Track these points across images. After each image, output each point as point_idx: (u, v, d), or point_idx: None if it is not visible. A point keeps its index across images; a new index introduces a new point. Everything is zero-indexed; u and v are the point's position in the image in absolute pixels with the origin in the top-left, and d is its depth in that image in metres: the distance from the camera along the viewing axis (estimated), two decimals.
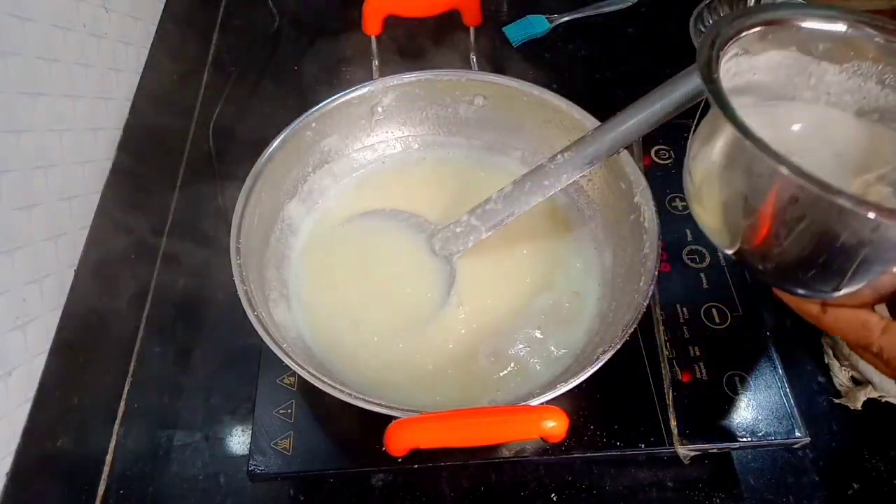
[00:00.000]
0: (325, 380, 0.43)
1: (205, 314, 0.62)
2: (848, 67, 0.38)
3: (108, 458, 0.55)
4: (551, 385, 0.42)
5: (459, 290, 0.55)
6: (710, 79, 0.32)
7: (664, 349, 0.53)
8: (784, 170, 0.28)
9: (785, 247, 0.31)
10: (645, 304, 0.45)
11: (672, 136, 0.65)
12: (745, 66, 0.38)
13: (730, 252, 0.35)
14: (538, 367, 0.51)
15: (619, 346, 0.43)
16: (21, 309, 0.48)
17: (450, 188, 0.61)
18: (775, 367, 0.52)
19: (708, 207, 0.36)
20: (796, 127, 0.39)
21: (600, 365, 0.43)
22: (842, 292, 0.31)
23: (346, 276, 0.57)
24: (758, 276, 0.34)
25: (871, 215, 0.26)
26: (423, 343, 0.53)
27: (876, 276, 0.30)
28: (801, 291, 0.33)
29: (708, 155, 0.34)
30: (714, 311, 0.55)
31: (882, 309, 0.33)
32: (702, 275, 0.57)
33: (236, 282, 0.47)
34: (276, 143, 0.54)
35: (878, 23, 0.36)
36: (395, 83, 0.59)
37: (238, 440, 0.55)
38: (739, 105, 0.32)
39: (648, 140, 0.62)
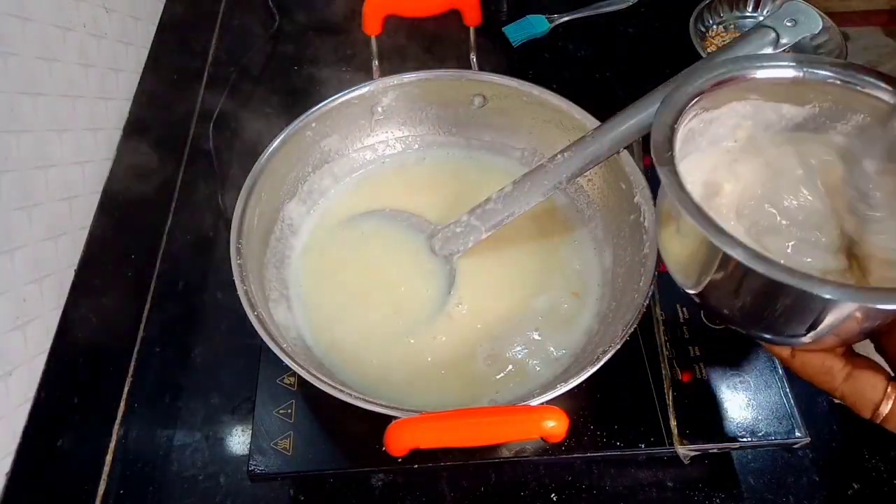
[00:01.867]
0: (325, 380, 0.43)
1: (205, 314, 0.62)
2: (809, 110, 0.38)
3: (108, 458, 0.55)
4: (551, 385, 0.42)
5: (459, 290, 0.55)
6: (663, 160, 0.33)
7: (664, 349, 0.53)
8: (739, 257, 0.29)
9: (742, 306, 0.33)
10: (645, 304, 0.45)
11: None
12: (707, 120, 0.39)
13: (693, 295, 0.36)
14: (538, 368, 0.51)
15: (619, 346, 0.43)
16: (21, 309, 0.48)
17: (450, 188, 0.61)
18: (775, 367, 0.52)
19: (670, 253, 0.38)
20: (757, 179, 0.40)
21: (600, 365, 0.43)
22: (804, 342, 0.32)
23: (346, 275, 0.57)
24: (723, 321, 0.35)
25: (826, 295, 0.27)
26: (423, 343, 0.53)
27: (835, 330, 0.31)
28: (766, 338, 0.34)
29: (668, 219, 0.36)
30: None
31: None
32: None
33: (236, 282, 0.47)
34: (276, 143, 0.54)
35: (834, 65, 0.36)
36: (395, 83, 0.59)
37: (238, 440, 0.55)
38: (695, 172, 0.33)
39: (648, 140, 0.62)
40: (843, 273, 0.36)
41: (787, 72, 0.37)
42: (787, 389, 0.51)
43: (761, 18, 0.80)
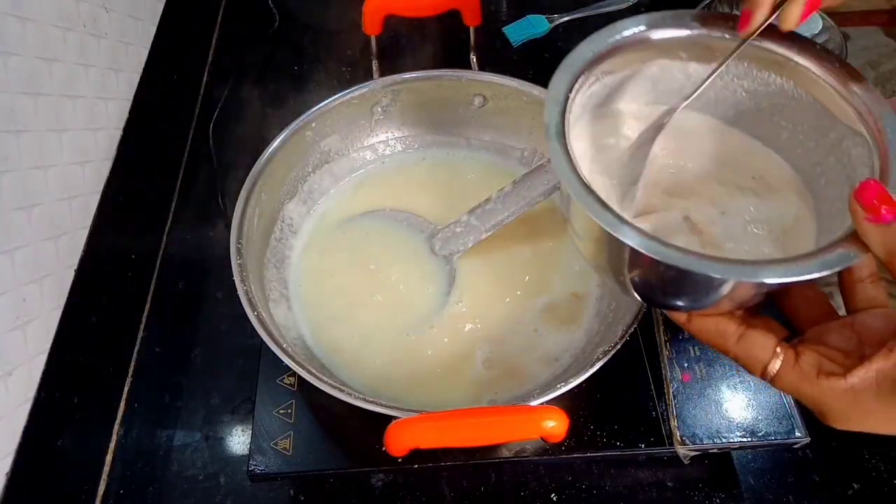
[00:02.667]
0: (325, 380, 0.43)
1: (205, 314, 0.62)
2: (715, 69, 0.37)
3: (108, 458, 0.55)
4: (551, 385, 0.42)
5: (459, 290, 0.55)
6: (552, 134, 0.32)
7: (664, 349, 0.53)
8: (622, 237, 0.29)
9: (633, 279, 0.33)
10: (645, 304, 0.45)
11: None
12: (611, 84, 0.38)
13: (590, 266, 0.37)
14: (538, 368, 0.51)
15: (619, 346, 0.43)
16: (21, 309, 0.48)
17: (450, 188, 0.61)
18: None
19: (576, 230, 0.37)
20: (659, 143, 0.39)
21: (600, 365, 0.43)
22: (698, 308, 0.33)
23: (346, 275, 0.57)
24: (624, 291, 0.35)
25: (716, 274, 0.28)
26: (423, 343, 0.53)
27: (723, 298, 0.31)
28: (663, 307, 0.35)
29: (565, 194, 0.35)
30: None
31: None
32: None
33: (236, 282, 0.47)
34: (276, 143, 0.54)
35: (728, 23, 0.36)
36: (395, 83, 0.59)
37: (238, 440, 0.55)
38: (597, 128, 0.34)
39: None
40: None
41: (684, 31, 0.36)
42: None
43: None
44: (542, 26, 0.82)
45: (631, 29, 0.36)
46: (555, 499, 0.52)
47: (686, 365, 0.53)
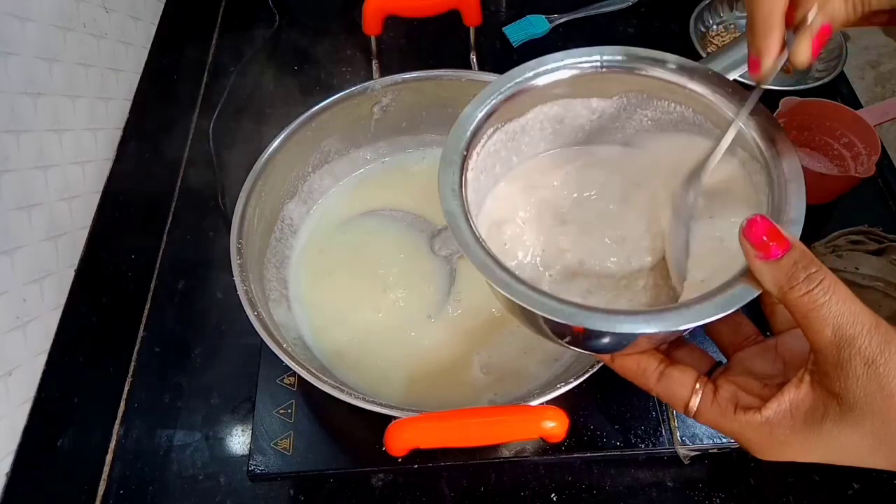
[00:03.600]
0: (325, 380, 0.43)
1: (205, 314, 0.62)
2: (617, 101, 0.38)
3: (108, 458, 0.55)
4: (551, 385, 0.42)
5: (459, 290, 0.55)
6: (445, 197, 0.33)
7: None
8: (516, 299, 0.30)
9: (547, 331, 0.33)
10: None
11: None
12: (513, 130, 0.38)
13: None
14: (538, 368, 0.51)
15: None
16: (21, 309, 0.48)
17: None
18: None
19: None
20: (560, 181, 0.39)
21: (600, 365, 0.43)
22: (618, 351, 0.33)
23: (346, 275, 0.57)
24: (548, 339, 0.36)
25: (605, 328, 0.28)
26: (423, 343, 0.53)
27: (634, 342, 0.32)
28: (585, 350, 0.35)
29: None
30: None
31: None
32: None
33: (236, 282, 0.47)
34: (276, 143, 0.54)
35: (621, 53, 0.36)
36: (395, 83, 0.59)
37: (238, 440, 0.55)
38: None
39: None
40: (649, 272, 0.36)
41: (565, 73, 0.36)
42: None
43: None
44: (542, 26, 0.82)
45: (522, 75, 0.36)
46: (555, 499, 0.52)
47: None
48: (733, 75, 0.35)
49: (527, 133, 0.38)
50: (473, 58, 0.64)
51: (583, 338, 0.32)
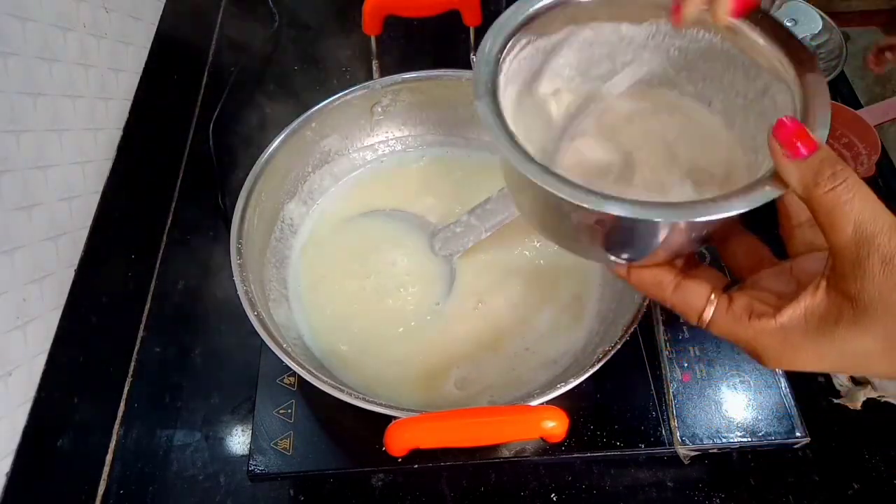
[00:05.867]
0: (325, 380, 0.43)
1: (205, 314, 0.62)
2: (647, 27, 0.38)
3: (108, 458, 0.55)
4: (551, 385, 0.42)
5: (459, 290, 0.55)
6: (481, 92, 0.32)
7: (664, 349, 0.53)
8: (540, 184, 0.29)
9: (571, 231, 0.34)
10: (645, 304, 0.45)
11: None
12: (543, 48, 0.38)
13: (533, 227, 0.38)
14: (538, 367, 0.51)
15: (619, 347, 0.43)
16: (21, 309, 0.48)
17: (449, 188, 0.61)
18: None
19: (509, 186, 0.38)
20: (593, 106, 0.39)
21: (600, 365, 0.43)
22: (635, 260, 0.34)
23: (346, 275, 0.57)
24: (564, 247, 0.36)
25: (620, 213, 0.28)
26: (423, 342, 0.53)
27: (659, 245, 0.32)
28: (604, 261, 0.35)
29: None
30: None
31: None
32: None
33: (236, 282, 0.47)
34: (276, 143, 0.54)
35: None
36: (395, 83, 0.59)
37: (238, 440, 0.55)
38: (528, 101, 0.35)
39: None
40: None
41: None
42: (787, 389, 0.51)
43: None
44: None
45: None
46: (555, 499, 0.52)
47: (686, 365, 0.53)
48: None
49: (557, 54, 0.38)
50: (473, 58, 0.64)
51: (604, 235, 0.32)
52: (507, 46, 0.34)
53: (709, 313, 0.32)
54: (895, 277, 0.26)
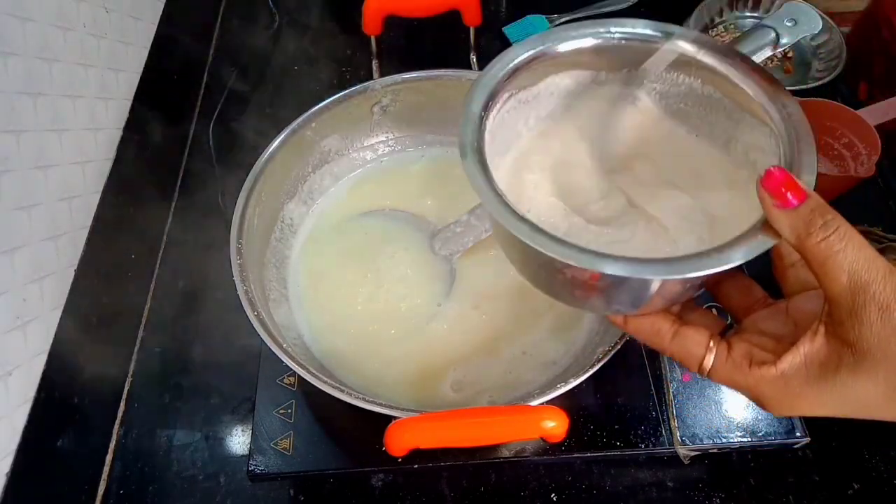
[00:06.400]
0: (325, 380, 0.43)
1: (205, 314, 0.62)
2: (626, 74, 0.38)
3: (108, 458, 0.55)
4: (551, 385, 0.42)
5: (459, 290, 0.55)
6: (466, 151, 0.33)
7: None
8: (526, 241, 0.30)
9: (563, 287, 0.34)
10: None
11: None
12: (524, 100, 0.38)
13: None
14: (538, 367, 0.51)
15: (619, 347, 0.43)
16: (21, 309, 0.48)
17: (449, 188, 0.61)
18: None
19: (501, 246, 0.38)
20: (570, 150, 0.40)
21: (600, 365, 0.43)
22: (632, 311, 0.34)
23: (346, 275, 0.57)
24: (558, 299, 0.36)
25: (614, 272, 0.28)
26: (423, 342, 0.53)
27: (654, 296, 0.32)
28: (599, 311, 0.36)
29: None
30: (714, 310, 0.55)
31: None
32: None
33: (236, 282, 0.47)
34: (276, 143, 0.54)
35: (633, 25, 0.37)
36: (395, 83, 0.59)
37: (238, 440, 0.55)
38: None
39: None
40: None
41: (588, 40, 0.36)
42: None
43: (762, 18, 0.80)
44: (542, 26, 0.82)
45: (539, 45, 0.36)
46: (555, 499, 0.52)
47: None
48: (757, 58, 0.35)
49: (539, 102, 0.39)
50: (473, 58, 0.64)
51: (598, 290, 0.32)
52: (490, 103, 0.35)
53: (709, 362, 0.32)
54: (893, 324, 0.26)
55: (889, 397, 0.27)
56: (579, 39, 0.36)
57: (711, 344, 0.32)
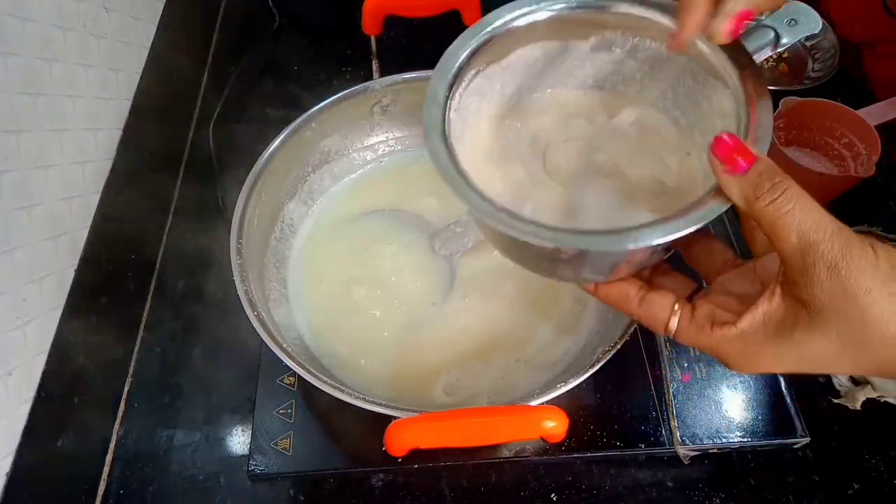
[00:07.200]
0: (325, 380, 0.43)
1: (205, 314, 0.62)
2: (595, 42, 0.38)
3: (108, 458, 0.55)
4: (551, 385, 0.42)
5: (459, 290, 0.55)
6: (429, 130, 0.33)
7: (664, 349, 0.53)
8: (498, 226, 0.30)
9: (532, 260, 0.35)
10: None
11: None
12: (495, 74, 0.38)
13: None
14: (537, 368, 0.51)
15: (619, 347, 0.43)
16: (21, 309, 0.48)
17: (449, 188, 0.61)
18: None
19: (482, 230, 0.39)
20: (544, 121, 0.40)
21: (600, 365, 0.43)
22: (601, 279, 0.35)
23: (346, 275, 0.57)
24: (532, 271, 0.37)
25: (571, 246, 0.29)
26: (423, 342, 0.53)
27: (620, 263, 0.33)
28: (569, 280, 0.37)
29: None
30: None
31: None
32: None
33: (236, 282, 0.47)
34: (276, 143, 0.54)
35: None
36: (395, 83, 0.59)
37: (238, 440, 0.55)
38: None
39: None
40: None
41: (542, 13, 0.36)
42: (787, 389, 0.51)
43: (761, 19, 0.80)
44: None
45: (502, 17, 0.36)
46: (555, 499, 0.52)
47: (686, 365, 0.53)
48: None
49: (508, 75, 0.39)
50: None
51: (564, 261, 0.33)
52: (455, 83, 0.35)
53: (673, 324, 0.33)
54: (842, 283, 0.26)
55: (842, 353, 0.28)
56: (535, 13, 0.36)
57: (676, 307, 0.32)
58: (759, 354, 0.30)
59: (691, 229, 0.28)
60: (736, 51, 0.33)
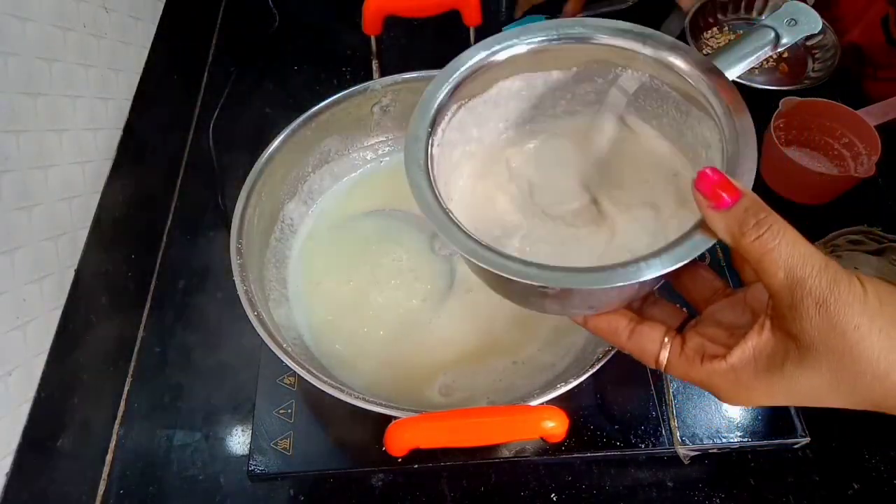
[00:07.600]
0: (326, 380, 0.43)
1: (205, 314, 0.62)
2: (577, 73, 0.38)
3: (108, 458, 0.55)
4: (551, 385, 0.42)
5: (459, 291, 0.55)
6: (410, 163, 0.34)
7: None
8: (475, 259, 0.30)
9: (519, 296, 0.35)
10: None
11: None
12: (478, 107, 0.38)
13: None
14: (537, 368, 0.51)
15: None
16: (21, 309, 0.48)
17: None
18: None
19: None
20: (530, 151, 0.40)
21: (600, 365, 0.43)
22: (588, 313, 0.34)
23: (346, 275, 0.57)
24: (519, 305, 0.37)
25: (550, 289, 0.29)
26: (423, 342, 0.53)
27: (610, 298, 0.33)
28: (557, 314, 0.37)
29: None
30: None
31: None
32: None
33: (236, 282, 0.47)
34: (276, 143, 0.54)
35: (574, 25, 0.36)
36: (394, 83, 0.59)
37: (238, 440, 0.55)
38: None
39: None
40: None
41: (521, 47, 0.37)
42: None
43: (761, 19, 0.80)
44: None
45: (480, 53, 0.37)
46: (555, 499, 0.52)
47: None
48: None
49: (492, 108, 0.39)
50: None
51: (551, 298, 0.33)
52: (437, 119, 0.35)
53: (663, 358, 0.32)
54: (830, 319, 0.26)
55: (835, 388, 0.28)
56: (514, 47, 0.37)
57: (666, 340, 0.32)
58: (750, 388, 0.30)
59: (677, 266, 0.28)
60: (720, 81, 0.33)
